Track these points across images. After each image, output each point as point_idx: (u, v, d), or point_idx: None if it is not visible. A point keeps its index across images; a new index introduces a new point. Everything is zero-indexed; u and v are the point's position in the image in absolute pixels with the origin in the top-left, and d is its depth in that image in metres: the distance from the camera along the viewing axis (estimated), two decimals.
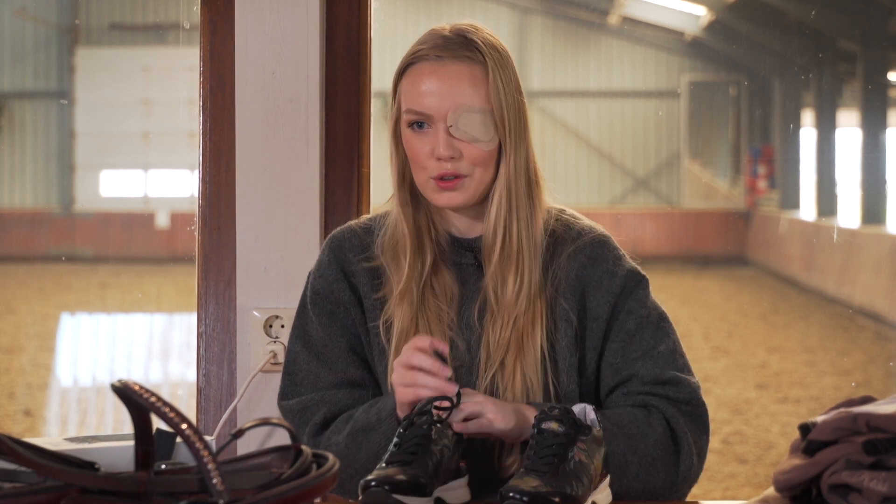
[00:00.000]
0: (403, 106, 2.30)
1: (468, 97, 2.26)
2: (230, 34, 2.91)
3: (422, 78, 2.28)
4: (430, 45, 2.29)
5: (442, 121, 2.26)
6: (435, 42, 2.30)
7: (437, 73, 2.27)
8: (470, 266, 2.36)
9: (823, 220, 17.40)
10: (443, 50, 2.28)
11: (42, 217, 21.23)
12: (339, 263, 2.39)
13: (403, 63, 2.32)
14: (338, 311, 2.37)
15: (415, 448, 2.03)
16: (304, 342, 2.39)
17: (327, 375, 2.35)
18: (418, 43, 2.32)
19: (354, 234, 2.42)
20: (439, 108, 2.26)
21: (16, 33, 22.32)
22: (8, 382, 10.01)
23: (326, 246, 2.43)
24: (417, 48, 2.31)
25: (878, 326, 13.08)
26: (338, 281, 2.38)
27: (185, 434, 1.38)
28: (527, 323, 2.29)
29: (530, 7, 23.23)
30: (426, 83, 2.27)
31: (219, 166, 2.94)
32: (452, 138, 2.26)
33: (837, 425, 1.85)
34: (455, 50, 2.28)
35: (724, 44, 21.96)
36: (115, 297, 16.21)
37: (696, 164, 23.20)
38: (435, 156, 2.26)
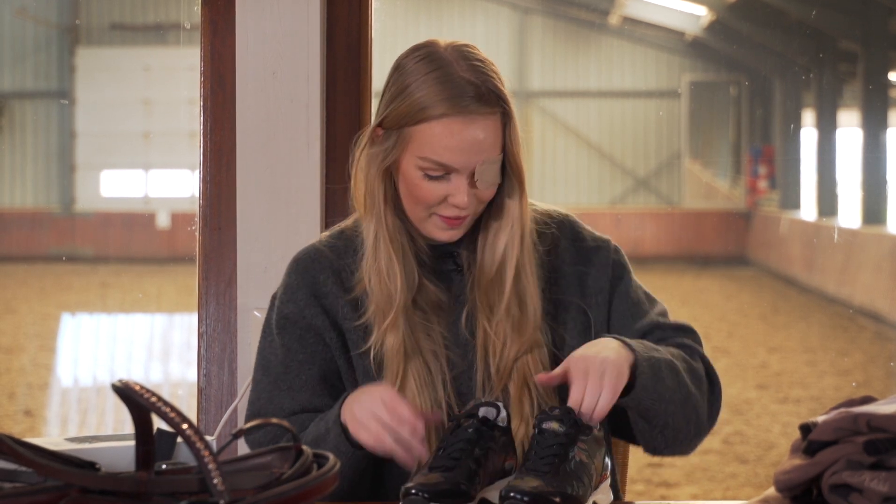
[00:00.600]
0: (419, 153, 2.20)
1: (491, 150, 2.21)
2: (231, 34, 2.91)
3: (450, 136, 2.19)
4: (454, 104, 2.19)
5: (465, 174, 2.21)
6: (461, 92, 2.19)
7: (467, 129, 2.19)
8: (451, 272, 2.33)
9: (824, 220, 17.40)
10: (472, 104, 2.19)
11: (42, 217, 21.23)
12: (310, 287, 2.31)
13: (422, 112, 2.20)
14: (307, 337, 2.30)
15: (458, 454, 2.00)
16: (265, 369, 2.32)
17: (289, 405, 2.28)
18: (437, 93, 2.20)
19: (322, 255, 2.34)
20: (467, 163, 2.20)
21: (16, 33, 22.33)
22: (8, 382, 10.01)
23: (292, 270, 2.35)
24: (439, 101, 2.19)
25: (878, 326, 13.08)
26: (309, 306, 2.30)
27: (185, 434, 1.38)
28: (526, 346, 2.29)
29: (531, 7, 23.23)
30: (454, 140, 2.19)
31: (219, 166, 2.95)
32: (472, 189, 2.22)
33: (838, 425, 1.85)
34: (480, 107, 2.19)
35: (724, 44, 21.96)
36: (116, 297, 16.21)
37: (696, 165, 23.20)
38: (452, 202, 2.22)
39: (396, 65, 2.27)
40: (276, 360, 2.31)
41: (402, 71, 2.25)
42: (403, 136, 2.22)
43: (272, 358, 2.31)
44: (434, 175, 2.21)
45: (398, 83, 2.24)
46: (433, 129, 2.19)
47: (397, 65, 2.26)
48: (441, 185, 2.21)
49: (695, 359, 2.29)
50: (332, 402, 2.27)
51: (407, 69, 2.24)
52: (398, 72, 2.26)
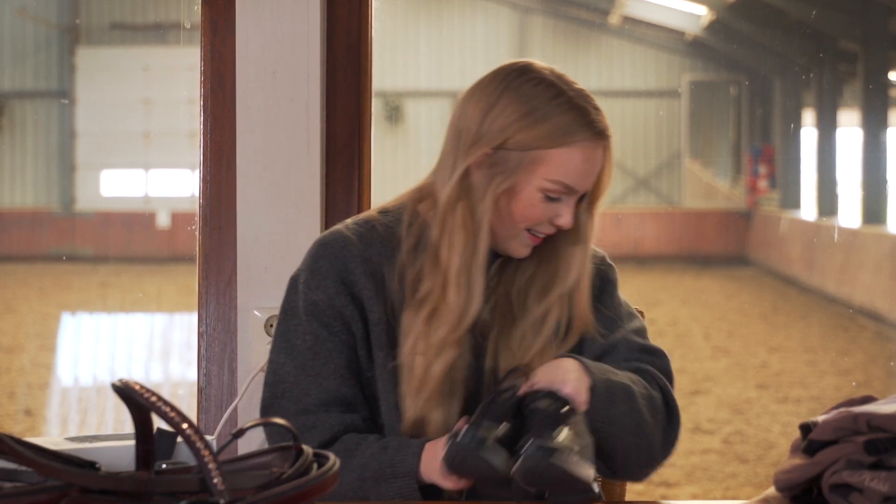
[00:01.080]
0: (550, 175, 2.25)
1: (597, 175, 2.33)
2: (231, 34, 2.91)
3: (586, 158, 2.28)
4: (591, 124, 2.29)
5: (576, 196, 2.29)
6: (593, 120, 2.30)
7: (595, 155, 2.29)
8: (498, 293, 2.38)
9: (824, 219, 17.40)
10: (602, 133, 2.30)
11: (43, 217, 21.23)
12: (339, 274, 2.29)
13: (563, 137, 2.26)
14: (335, 325, 2.29)
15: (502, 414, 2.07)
16: (288, 353, 2.30)
17: (316, 392, 2.27)
18: (574, 118, 2.28)
19: (350, 242, 2.32)
20: (586, 187, 2.30)
21: (16, 33, 22.33)
22: (8, 382, 10.02)
23: (320, 255, 2.33)
24: (580, 128, 2.28)
25: (878, 326, 13.08)
26: (339, 294, 2.29)
27: (185, 434, 1.38)
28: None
29: (531, 7, 23.23)
30: (586, 164, 2.28)
31: (219, 166, 2.95)
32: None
33: (838, 425, 1.85)
34: (606, 137, 2.32)
35: (724, 43, 21.96)
36: (116, 296, 16.21)
37: (696, 164, 23.21)
38: (557, 222, 2.28)
39: (509, 85, 2.28)
40: (303, 345, 2.29)
41: (518, 94, 2.27)
42: (532, 158, 2.26)
43: (298, 342, 2.29)
44: (554, 197, 2.26)
45: (521, 105, 2.26)
46: (572, 153, 2.26)
47: (511, 85, 2.28)
48: (553, 206, 2.27)
49: (653, 386, 2.30)
50: (358, 391, 2.28)
51: (525, 93, 2.27)
52: (511, 93, 2.28)
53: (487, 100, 2.27)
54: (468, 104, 2.30)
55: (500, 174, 2.26)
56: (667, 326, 12.57)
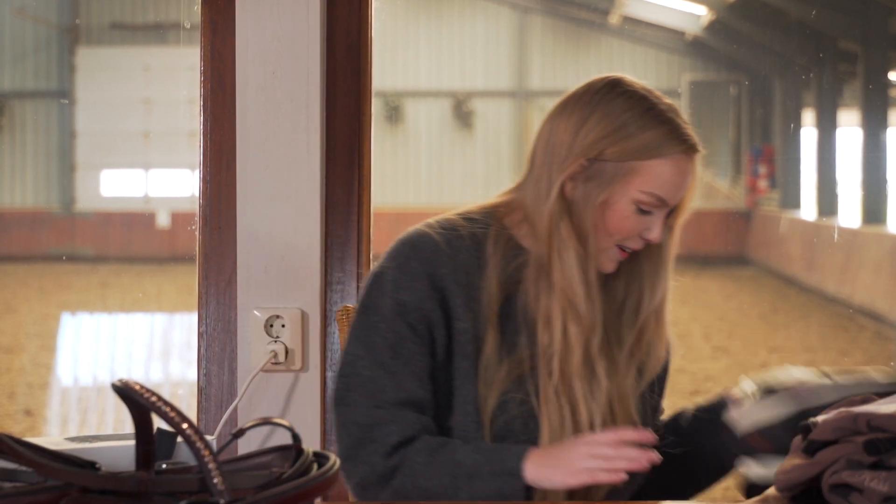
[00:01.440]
0: (645, 187, 2.27)
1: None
2: (231, 34, 2.91)
3: (678, 171, 2.31)
4: (683, 138, 2.33)
5: (666, 210, 2.31)
6: (685, 135, 2.34)
7: (687, 169, 2.33)
8: None
9: (824, 219, 17.40)
10: (692, 148, 2.34)
11: (42, 216, 21.23)
12: (430, 277, 2.26)
13: (657, 150, 2.29)
14: (421, 328, 2.25)
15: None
16: (367, 348, 2.26)
17: (392, 390, 2.23)
18: (666, 132, 2.31)
19: (440, 247, 2.29)
20: (675, 200, 2.32)
21: (16, 33, 22.33)
22: (8, 382, 10.02)
23: (412, 255, 2.29)
24: (672, 142, 2.31)
25: (878, 326, 13.08)
26: (429, 298, 2.26)
27: (185, 434, 1.38)
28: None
29: (530, 7, 23.23)
30: (679, 178, 2.31)
31: (219, 166, 2.95)
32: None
33: (838, 425, 1.85)
34: (696, 151, 2.36)
35: (724, 43, 21.96)
36: (116, 296, 16.21)
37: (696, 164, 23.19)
38: (646, 236, 2.29)
39: (597, 100, 2.30)
40: (383, 343, 2.25)
41: (611, 107, 2.29)
42: (626, 169, 2.27)
43: (378, 339, 2.26)
44: (646, 209, 2.28)
45: (613, 119, 2.28)
46: (666, 165, 2.29)
47: (598, 100, 2.30)
48: (644, 219, 2.29)
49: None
50: (432, 396, 2.27)
51: (617, 105, 2.29)
52: (604, 107, 2.30)
53: (580, 114, 2.29)
54: (559, 119, 2.31)
55: (597, 186, 2.28)
56: None
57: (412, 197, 21.10)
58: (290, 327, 2.87)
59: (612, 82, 2.32)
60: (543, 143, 2.31)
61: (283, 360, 2.87)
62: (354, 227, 2.92)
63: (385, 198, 4.40)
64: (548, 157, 2.29)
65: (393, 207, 4.20)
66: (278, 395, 2.89)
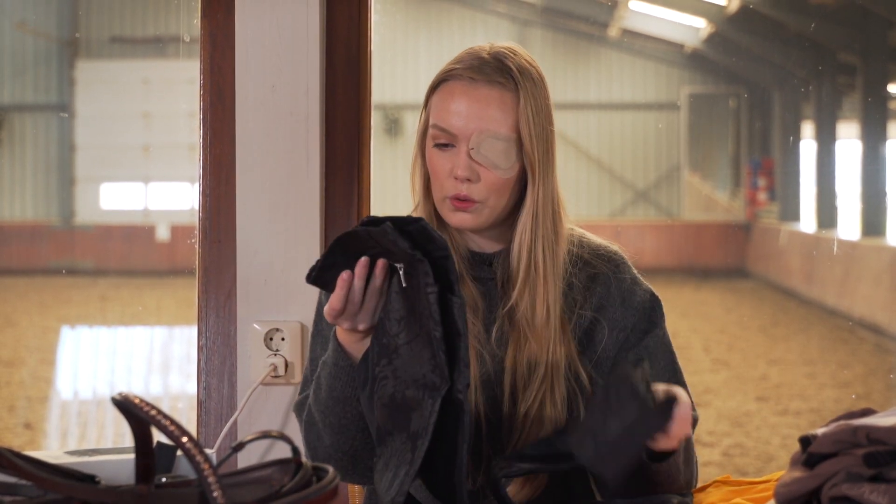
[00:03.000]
0: (431, 120, 2.27)
1: (494, 123, 2.23)
2: (230, 47, 2.91)
3: (452, 97, 2.24)
4: (465, 66, 2.25)
5: (465, 141, 2.23)
6: (470, 63, 2.26)
7: (467, 94, 2.24)
8: (489, 280, 2.34)
9: (823, 232, 17.41)
10: (476, 72, 2.24)
11: (42, 230, 21.24)
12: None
13: (437, 78, 2.29)
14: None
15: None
16: (316, 340, 2.33)
17: (322, 352, 2.30)
18: (454, 61, 2.28)
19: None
20: (464, 129, 2.23)
21: (16, 46, 22.34)
22: (8, 395, 10.01)
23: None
24: (452, 66, 2.27)
25: (878, 338, 13.08)
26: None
27: (185, 447, 1.38)
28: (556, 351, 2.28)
29: (530, 20, 23.25)
30: (455, 103, 2.24)
31: (219, 179, 2.95)
32: (472, 161, 2.23)
33: (838, 438, 1.85)
34: (489, 74, 2.24)
35: (723, 56, 21.98)
36: (116, 309, 16.21)
37: (695, 177, 23.22)
38: (452, 174, 2.24)
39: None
40: (329, 329, 2.30)
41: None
42: (427, 109, 2.30)
43: (325, 329, 2.32)
44: (440, 143, 2.25)
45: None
46: (440, 93, 2.27)
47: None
48: (447, 157, 2.25)
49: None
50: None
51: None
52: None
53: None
54: None
55: (418, 138, 2.33)
56: None
57: (411, 209, 20.94)
58: (289, 340, 2.87)
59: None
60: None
61: (283, 374, 2.87)
62: None
63: (384, 210, 4.42)
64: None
65: None
66: (278, 409, 2.89)
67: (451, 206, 2.26)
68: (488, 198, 2.25)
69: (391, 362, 2.05)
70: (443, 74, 2.28)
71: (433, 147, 2.26)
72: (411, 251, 1.96)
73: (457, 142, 2.24)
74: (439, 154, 2.26)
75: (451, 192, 2.25)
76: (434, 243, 1.96)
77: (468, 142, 2.23)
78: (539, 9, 23.07)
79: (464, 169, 2.23)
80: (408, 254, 1.97)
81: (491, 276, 2.33)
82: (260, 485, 1.50)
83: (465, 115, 2.23)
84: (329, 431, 2.18)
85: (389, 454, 2.05)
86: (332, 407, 2.16)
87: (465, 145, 2.23)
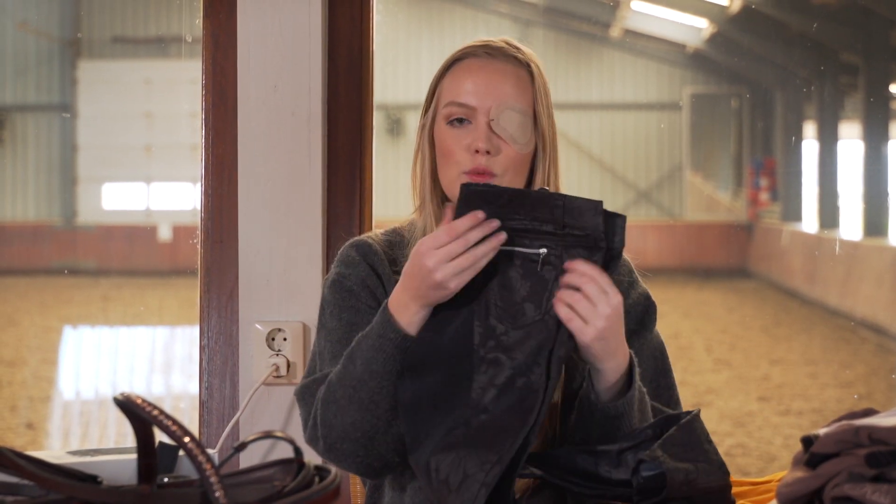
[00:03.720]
0: (444, 100, 2.27)
1: (512, 96, 2.24)
2: (232, 47, 2.91)
3: (469, 72, 2.26)
4: (479, 45, 2.29)
5: (484, 114, 2.23)
6: (483, 43, 2.29)
7: (484, 68, 2.26)
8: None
9: (825, 232, 17.40)
10: (491, 49, 2.27)
11: (44, 230, 21.24)
12: (369, 264, 2.30)
13: (449, 61, 2.30)
14: (373, 304, 2.27)
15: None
16: (326, 337, 2.29)
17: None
18: (466, 46, 2.31)
19: (377, 244, 2.34)
20: (483, 101, 2.24)
21: (18, 46, 22.35)
22: (10, 395, 10.01)
23: (350, 249, 2.32)
24: (465, 48, 2.30)
25: (880, 338, 13.07)
26: (370, 277, 2.29)
27: (187, 447, 1.38)
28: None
29: (532, 20, 23.25)
30: (473, 77, 2.25)
31: (221, 179, 2.95)
32: (492, 133, 2.23)
33: (840, 438, 1.85)
34: (504, 53, 2.27)
35: (725, 56, 21.98)
36: (118, 309, 16.21)
37: (698, 177, 23.21)
38: (472, 149, 2.23)
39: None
40: (339, 323, 2.27)
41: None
42: (434, 100, 2.30)
43: (334, 324, 2.28)
44: (456, 119, 2.25)
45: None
46: (455, 72, 2.28)
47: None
48: (464, 133, 2.24)
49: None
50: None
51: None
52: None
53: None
54: None
55: (424, 128, 2.33)
56: (668, 339, 12.52)
57: (413, 209, 20.91)
58: (291, 340, 2.87)
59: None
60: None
61: (285, 374, 2.87)
62: None
63: (386, 210, 4.40)
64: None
65: (394, 220, 4.22)
66: (280, 409, 2.89)
67: (468, 180, 2.23)
68: (506, 172, 2.25)
69: (504, 347, 2.02)
70: (455, 56, 2.29)
71: (446, 125, 2.26)
72: (602, 236, 2.00)
73: (474, 115, 2.24)
74: (453, 131, 2.26)
75: (469, 165, 2.24)
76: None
77: (487, 114, 2.23)
78: (541, 9, 23.07)
79: (484, 140, 2.22)
80: (589, 237, 2.00)
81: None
82: (262, 485, 1.50)
83: (483, 87, 2.24)
84: (355, 408, 2.13)
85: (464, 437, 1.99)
86: (366, 381, 2.11)
87: (484, 117, 2.24)
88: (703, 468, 2.01)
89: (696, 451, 2.04)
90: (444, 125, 2.26)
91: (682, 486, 1.99)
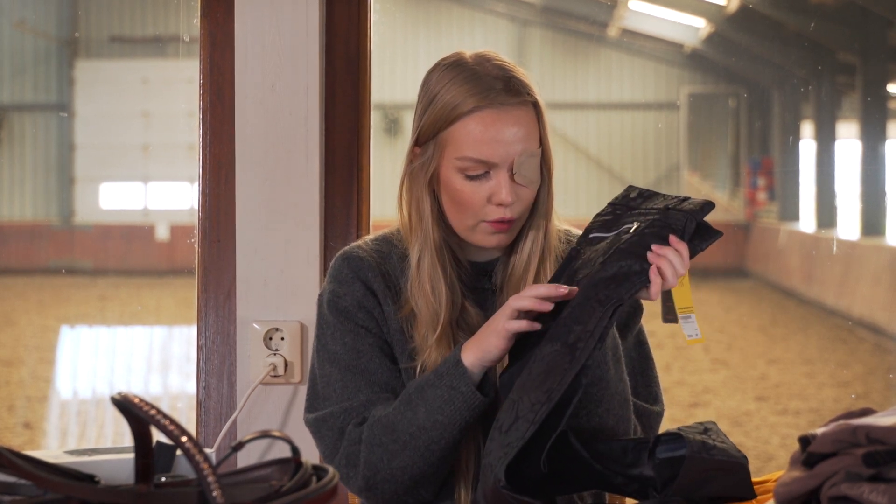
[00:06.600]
0: (456, 152, 2.21)
1: (529, 142, 2.21)
2: (230, 47, 2.91)
3: (484, 127, 2.19)
4: (483, 94, 2.21)
5: (506, 167, 2.20)
6: (489, 86, 2.21)
7: (500, 120, 2.20)
8: (486, 290, 2.33)
9: (823, 231, 17.39)
10: (502, 95, 2.20)
11: (42, 229, 21.23)
12: (363, 281, 2.29)
13: (453, 112, 2.21)
14: (371, 325, 2.28)
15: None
16: (332, 361, 2.28)
17: (367, 390, 2.25)
18: (461, 93, 2.21)
19: (369, 256, 2.32)
20: (506, 155, 2.20)
21: (15, 46, 22.33)
22: (7, 395, 10.01)
23: (343, 266, 2.32)
24: (473, 93, 2.21)
25: (877, 338, 13.07)
26: (367, 296, 2.28)
27: (184, 447, 1.38)
28: None
29: (530, 19, 23.25)
30: (490, 133, 2.19)
31: (218, 179, 2.95)
32: (514, 184, 2.22)
33: (837, 437, 1.85)
34: (513, 95, 2.21)
35: (723, 56, 21.97)
36: (115, 309, 16.20)
37: (695, 176, 23.21)
38: (495, 202, 2.21)
39: (424, 80, 2.28)
40: (343, 349, 2.27)
41: (428, 83, 2.27)
42: (439, 142, 2.24)
43: (338, 348, 2.27)
44: (474, 174, 2.21)
45: (427, 95, 2.26)
46: (467, 125, 2.20)
47: (424, 80, 2.28)
48: (483, 185, 2.22)
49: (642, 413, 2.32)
50: (401, 380, 2.27)
51: (433, 80, 2.26)
52: (425, 86, 2.28)
53: (417, 100, 2.30)
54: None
55: (422, 166, 2.27)
56: (666, 338, 12.55)
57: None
58: (289, 340, 2.87)
59: (442, 59, 2.29)
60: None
61: (283, 373, 2.87)
62: (353, 239, 2.92)
63: (384, 210, 4.38)
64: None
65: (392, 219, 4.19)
66: (277, 408, 2.89)
67: (490, 229, 2.24)
68: (523, 213, 2.26)
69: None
70: (462, 106, 2.21)
71: (460, 176, 2.22)
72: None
73: (495, 169, 2.21)
74: (471, 184, 2.22)
75: (493, 216, 2.22)
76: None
77: (509, 167, 2.21)
78: (538, 8, 23.06)
79: (509, 194, 2.21)
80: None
81: (490, 286, 2.33)
82: (259, 484, 1.50)
83: (506, 142, 2.20)
84: (408, 453, 2.14)
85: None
86: (428, 430, 2.13)
87: (506, 170, 2.21)
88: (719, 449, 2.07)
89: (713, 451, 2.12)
90: (457, 174, 2.23)
91: (701, 453, 2.03)
